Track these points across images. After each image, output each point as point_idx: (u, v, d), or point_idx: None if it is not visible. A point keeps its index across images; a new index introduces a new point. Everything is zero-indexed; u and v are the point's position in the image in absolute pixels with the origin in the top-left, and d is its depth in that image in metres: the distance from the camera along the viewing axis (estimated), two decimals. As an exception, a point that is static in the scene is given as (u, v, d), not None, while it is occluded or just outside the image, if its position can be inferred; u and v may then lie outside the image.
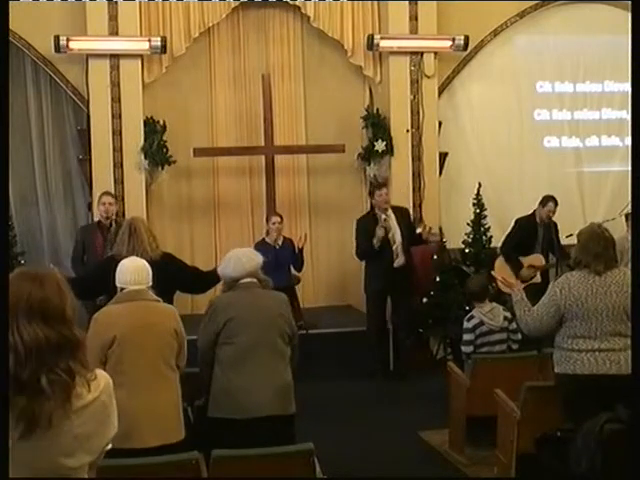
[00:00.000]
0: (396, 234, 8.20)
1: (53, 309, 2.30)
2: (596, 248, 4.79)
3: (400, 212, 8.40)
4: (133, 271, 4.56)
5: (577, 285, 4.76)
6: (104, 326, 4.43)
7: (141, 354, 4.39)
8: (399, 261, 8.20)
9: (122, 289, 4.55)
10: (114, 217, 7.79)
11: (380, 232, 8.01)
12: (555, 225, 8.64)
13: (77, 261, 7.79)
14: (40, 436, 2.22)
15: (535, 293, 6.27)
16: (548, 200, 8.64)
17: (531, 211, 8.75)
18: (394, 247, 8.17)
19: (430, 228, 8.37)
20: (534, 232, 8.65)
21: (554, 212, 8.62)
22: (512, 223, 8.80)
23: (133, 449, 4.21)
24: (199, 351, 4.74)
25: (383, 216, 8.12)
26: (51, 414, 2.22)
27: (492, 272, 5.98)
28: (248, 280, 4.76)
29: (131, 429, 4.27)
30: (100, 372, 2.41)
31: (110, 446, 2.46)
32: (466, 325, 6.42)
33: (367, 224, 8.19)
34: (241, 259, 4.81)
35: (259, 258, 4.87)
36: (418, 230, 8.43)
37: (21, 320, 2.26)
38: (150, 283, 4.57)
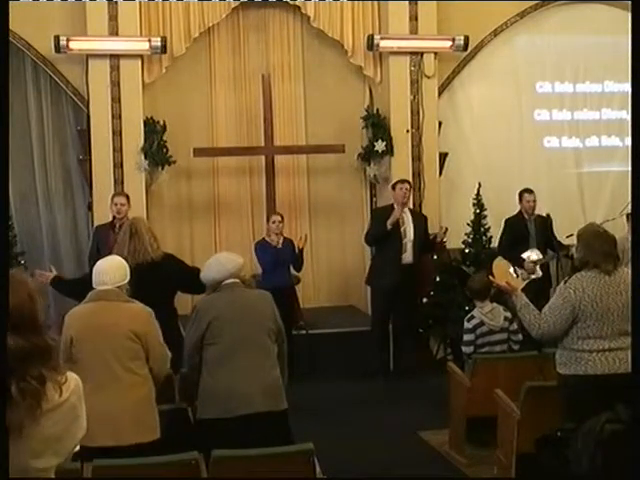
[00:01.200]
0: (408, 229, 8.28)
1: (23, 317, 2.28)
2: (604, 247, 4.78)
3: (417, 216, 8.51)
4: (100, 272, 4.58)
5: (590, 285, 4.74)
6: (66, 326, 4.52)
7: (94, 354, 4.40)
8: (407, 257, 8.25)
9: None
10: (126, 217, 7.73)
11: (397, 212, 8.10)
12: (549, 220, 8.64)
13: (92, 260, 7.77)
14: (11, 441, 2.22)
15: (537, 288, 6.25)
16: (522, 193, 8.83)
17: (517, 210, 8.82)
18: (404, 241, 8.22)
19: (446, 228, 8.46)
20: (524, 228, 8.72)
21: (534, 201, 8.74)
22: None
23: (89, 447, 4.25)
24: (185, 355, 4.74)
25: (399, 208, 8.19)
26: (22, 421, 2.22)
27: (490, 277, 5.95)
28: (231, 281, 4.76)
29: (89, 427, 4.31)
30: (70, 374, 2.41)
31: (78, 447, 2.46)
32: (466, 325, 6.42)
33: (384, 213, 8.31)
34: (222, 261, 4.83)
35: (241, 259, 4.88)
36: (433, 234, 8.49)
37: None
38: (120, 283, 4.55)
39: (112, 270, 4.58)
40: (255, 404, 4.60)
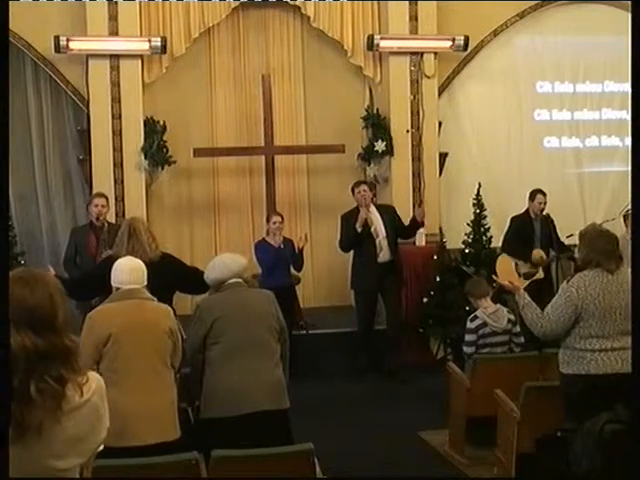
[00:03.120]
0: (379, 228, 8.24)
1: (42, 318, 2.28)
2: (607, 246, 4.77)
3: (385, 209, 8.44)
4: (129, 270, 4.58)
5: (592, 284, 4.74)
6: (99, 324, 4.45)
7: (137, 352, 4.41)
8: (384, 255, 8.23)
9: (117, 288, 4.57)
10: (106, 219, 7.74)
11: (362, 214, 8.07)
12: (552, 220, 8.68)
13: (70, 262, 7.76)
14: (30, 440, 2.23)
15: (538, 289, 6.24)
16: (536, 193, 8.78)
17: (524, 209, 8.81)
18: (377, 240, 8.20)
19: (420, 201, 8.38)
20: (530, 228, 8.73)
21: (545, 203, 8.73)
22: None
23: (128, 447, 4.23)
24: (187, 354, 4.74)
25: (363, 209, 8.14)
26: (41, 421, 2.22)
27: (494, 277, 5.93)
28: (233, 281, 4.77)
29: (125, 427, 4.29)
30: (92, 374, 2.41)
31: (102, 447, 2.46)
32: (469, 325, 6.39)
33: (350, 218, 8.25)
34: (225, 261, 4.84)
35: (244, 260, 4.91)
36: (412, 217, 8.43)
37: (10, 327, 2.23)
38: (145, 283, 4.59)
39: (140, 270, 4.62)
40: (258, 402, 4.61)
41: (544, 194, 8.75)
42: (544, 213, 8.71)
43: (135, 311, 4.51)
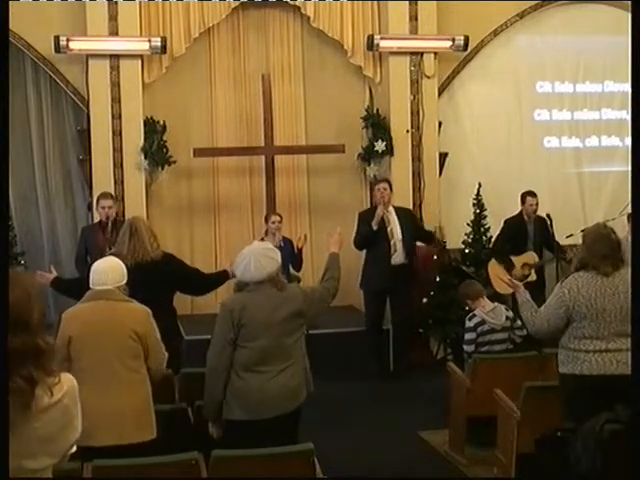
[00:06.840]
0: (395, 229, 8.25)
1: (17, 317, 2.29)
2: (603, 250, 4.77)
3: (403, 212, 8.45)
4: (100, 271, 4.57)
5: (586, 286, 4.74)
6: (64, 325, 4.50)
7: (96, 353, 4.39)
8: (397, 257, 8.21)
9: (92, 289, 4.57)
10: (114, 218, 7.75)
11: (379, 212, 8.08)
12: (549, 221, 8.66)
13: (81, 261, 7.78)
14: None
15: (531, 291, 6.25)
16: (525, 196, 8.83)
17: (517, 211, 8.82)
18: (392, 241, 8.20)
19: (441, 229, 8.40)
20: (524, 230, 8.74)
21: (537, 204, 8.74)
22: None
23: (90, 447, 4.20)
24: (210, 353, 4.65)
25: (381, 207, 8.17)
26: (13, 421, 2.24)
27: (499, 275, 5.93)
28: (263, 282, 4.60)
29: (90, 427, 4.28)
30: (65, 375, 2.42)
31: (75, 448, 2.48)
32: (468, 324, 6.42)
33: (368, 214, 8.28)
34: (261, 262, 4.58)
35: (278, 257, 4.69)
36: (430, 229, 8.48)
37: None
38: (120, 284, 4.54)
39: (112, 270, 4.58)
40: (280, 407, 4.57)
41: (534, 195, 8.78)
42: (544, 214, 8.70)
43: (95, 313, 4.49)
